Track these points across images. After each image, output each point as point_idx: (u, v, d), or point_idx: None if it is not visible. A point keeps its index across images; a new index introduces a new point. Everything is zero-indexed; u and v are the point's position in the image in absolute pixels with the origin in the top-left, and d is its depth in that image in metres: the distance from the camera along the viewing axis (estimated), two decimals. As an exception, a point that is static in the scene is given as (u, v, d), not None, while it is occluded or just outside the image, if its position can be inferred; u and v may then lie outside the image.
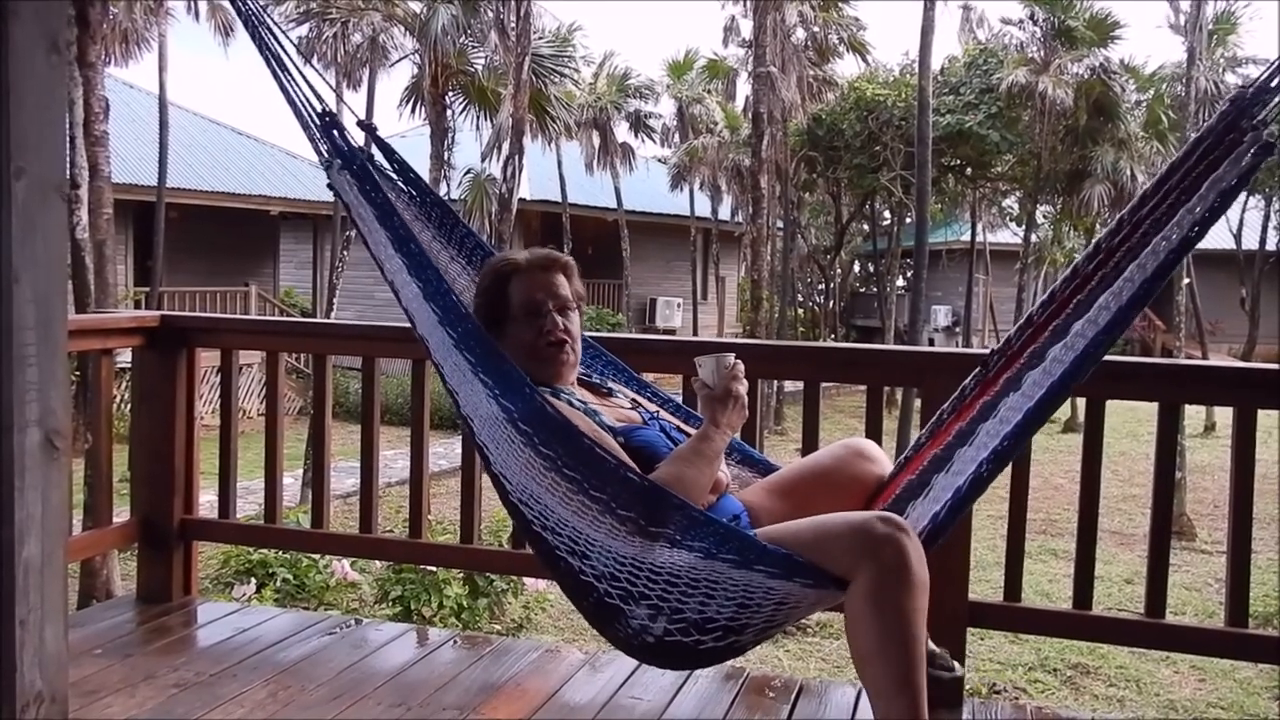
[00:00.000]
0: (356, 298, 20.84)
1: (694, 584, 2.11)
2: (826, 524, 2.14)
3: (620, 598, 2.20)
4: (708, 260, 28.06)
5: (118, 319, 3.91)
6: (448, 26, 14.97)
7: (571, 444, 2.22)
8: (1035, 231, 24.02)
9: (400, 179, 2.83)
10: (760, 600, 2.10)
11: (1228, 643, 3.03)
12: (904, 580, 2.01)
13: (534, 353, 2.48)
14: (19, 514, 1.49)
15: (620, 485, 2.17)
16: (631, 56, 51.50)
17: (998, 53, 21.77)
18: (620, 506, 2.16)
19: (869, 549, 2.02)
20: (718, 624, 2.14)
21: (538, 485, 2.28)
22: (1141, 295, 2.10)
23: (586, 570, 2.25)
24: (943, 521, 2.18)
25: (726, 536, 2.09)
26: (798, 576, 2.07)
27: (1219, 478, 14.67)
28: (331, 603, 8.41)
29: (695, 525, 2.11)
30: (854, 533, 2.06)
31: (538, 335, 2.48)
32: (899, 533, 2.02)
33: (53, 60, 1.53)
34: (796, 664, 8.27)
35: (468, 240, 2.87)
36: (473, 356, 2.36)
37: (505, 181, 13.64)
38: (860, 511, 2.20)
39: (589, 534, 2.22)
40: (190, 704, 2.80)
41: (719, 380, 2.35)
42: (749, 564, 2.06)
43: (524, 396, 2.27)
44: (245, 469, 3.99)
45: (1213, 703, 7.97)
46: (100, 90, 9.84)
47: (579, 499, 2.21)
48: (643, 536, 2.14)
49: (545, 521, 2.30)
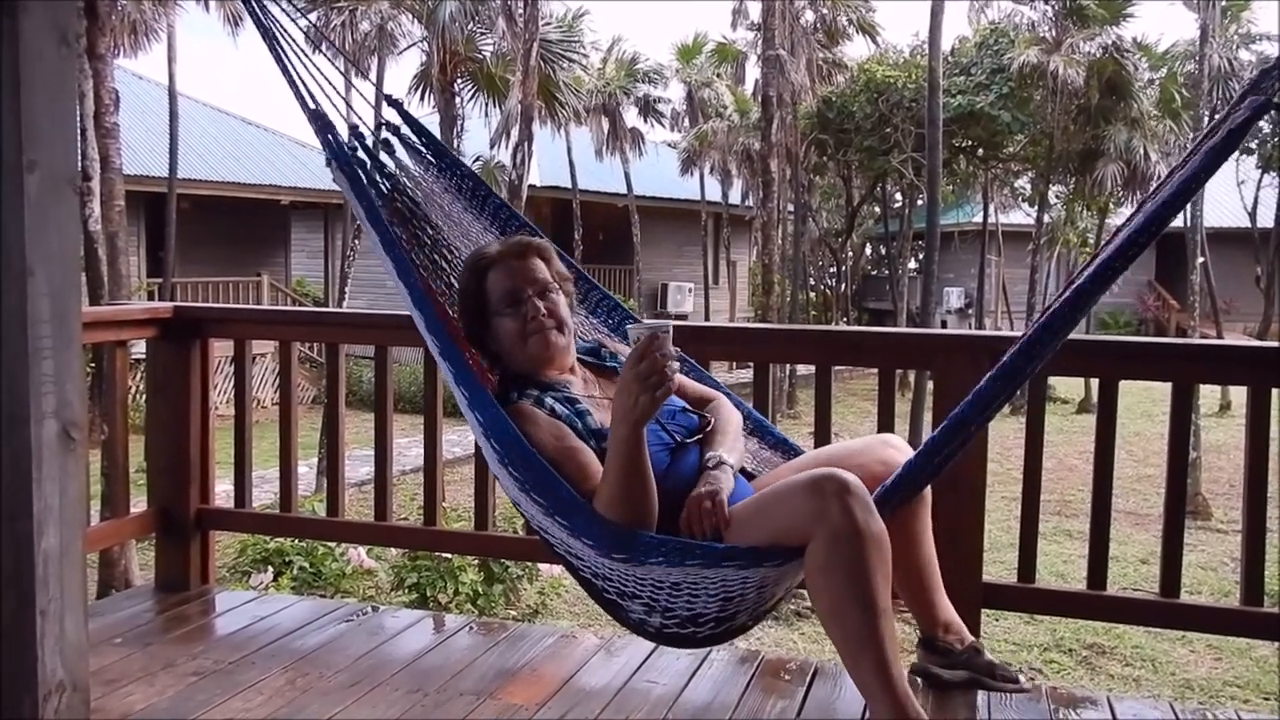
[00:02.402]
0: (369, 286, 20.84)
1: (676, 587, 2.13)
2: (776, 495, 2.14)
3: (617, 594, 2.25)
4: (718, 245, 28.00)
5: (131, 310, 3.92)
6: (456, 14, 14.96)
7: (533, 470, 2.20)
8: (1048, 212, 23.87)
9: (429, 151, 2.82)
10: (741, 589, 2.12)
11: (1243, 621, 3.03)
12: (854, 537, 1.99)
13: (523, 341, 2.45)
14: (37, 505, 1.51)
15: (577, 514, 2.16)
16: (640, 41, 51.19)
17: (1009, 32, 21.61)
18: (580, 533, 2.17)
19: (815, 510, 2.01)
20: (708, 617, 2.16)
21: (521, 500, 2.30)
22: (1127, 246, 2.08)
23: (583, 570, 2.30)
24: (915, 466, 2.18)
25: (685, 550, 2.09)
26: (766, 561, 2.08)
27: (1234, 457, 14.60)
28: (348, 590, 8.46)
29: (651, 549, 2.10)
30: (799, 497, 2.06)
31: (523, 323, 2.44)
32: (841, 490, 2.01)
33: (63, 53, 1.54)
34: (812, 646, 8.29)
35: (501, 211, 2.87)
36: (453, 366, 2.37)
37: (515, 168, 13.63)
38: (803, 474, 2.14)
39: (571, 546, 2.25)
40: (210, 691, 2.82)
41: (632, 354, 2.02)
42: (716, 564, 2.07)
43: (490, 412, 2.26)
44: (260, 458, 4.00)
45: (1229, 681, 7.96)
46: (110, 82, 9.86)
47: (549, 520, 2.23)
48: (607, 558, 2.16)
49: (539, 524, 2.33)
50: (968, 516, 2.93)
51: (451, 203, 2.81)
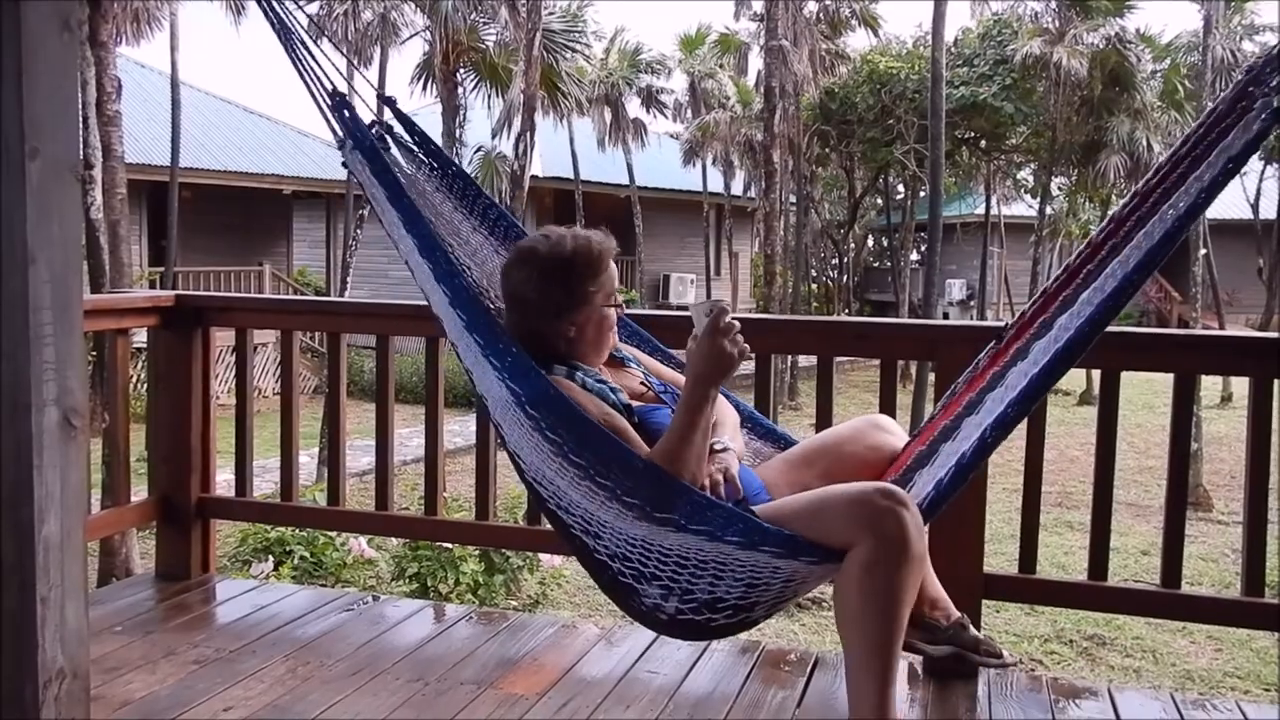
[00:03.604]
0: (370, 276, 20.85)
1: (702, 565, 2.14)
2: (828, 498, 2.16)
3: (633, 577, 2.23)
4: (721, 236, 27.98)
5: (133, 299, 3.92)
6: (458, 3, 14.92)
7: (577, 429, 2.22)
8: (1050, 203, 23.87)
9: (421, 151, 2.82)
10: (768, 579, 2.13)
11: (1244, 612, 3.03)
12: (902, 553, 2.04)
13: (596, 338, 2.49)
14: (38, 492, 1.51)
15: (625, 471, 2.18)
16: (643, 31, 51.28)
17: (1012, 23, 21.60)
18: (625, 493, 2.18)
19: (870, 522, 2.05)
20: (728, 603, 2.16)
21: (548, 468, 2.30)
22: (1146, 262, 2.10)
23: (600, 550, 2.28)
24: (946, 487, 2.19)
25: (730, 519, 2.11)
26: (803, 555, 2.10)
27: (1235, 448, 14.60)
28: (349, 580, 8.46)
29: (699, 510, 2.12)
30: (855, 506, 2.09)
31: (605, 322, 2.48)
32: (899, 506, 2.05)
33: (65, 40, 1.53)
34: (812, 637, 8.29)
35: (490, 211, 2.87)
36: (481, 339, 2.36)
37: (518, 159, 13.64)
38: (861, 483, 2.21)
39: (599, 516, 2.24)
40: (210, 680, 2.82)
41: (705, 329, 2.18)
42: (754, 545, 2.08)
43: (530, 380, 2.28)
44: (261, 448, 4.01)
45: (1229, 672, 7.97)
46: (112, 70, 9.85)
47: (586, 483, 2.23)
48: (650, 521, 2.16)
49: (559, 501, 2.33)
50: (969, 507, 2.93)
51: (442, 202, 2.82)
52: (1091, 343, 2.11)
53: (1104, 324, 2.12)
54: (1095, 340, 2.12)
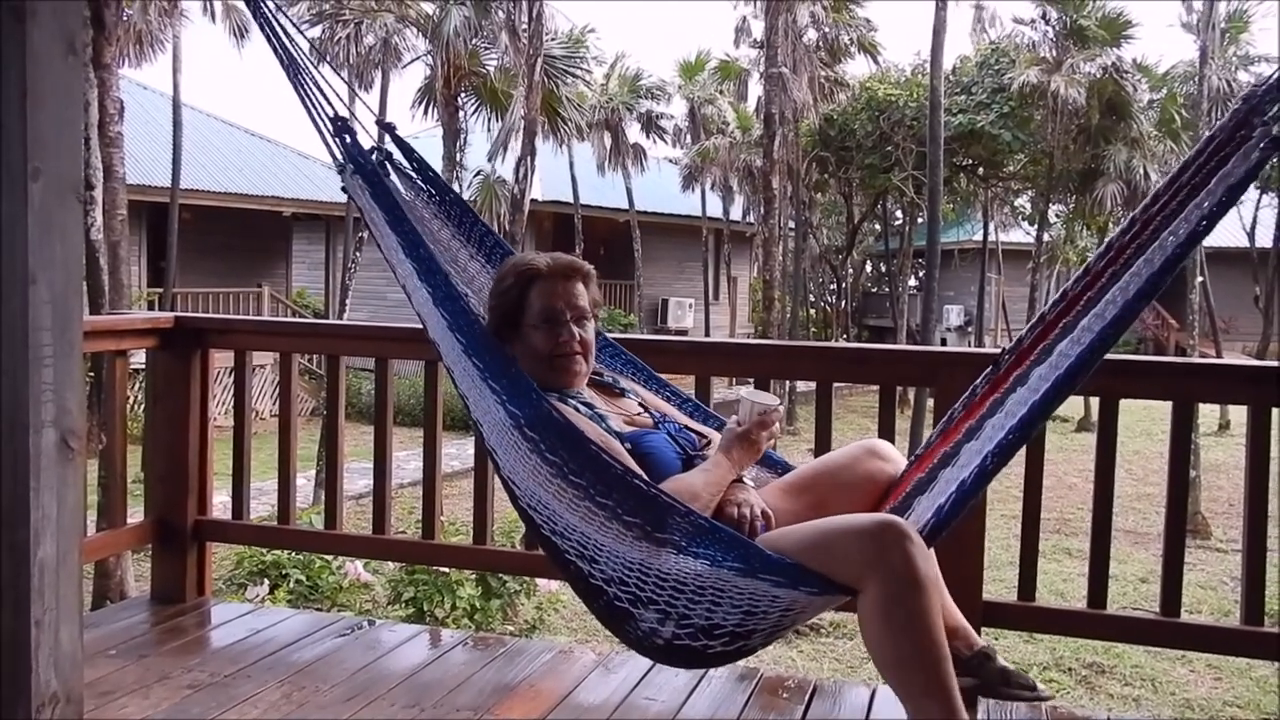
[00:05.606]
0: (369, 298, 20.87)
1: (700, 591, 2.12)
2: (831, 530, 2.14)
3: (629, 601, 2.21)
4: (719, 260, 28.04)
5: (132, 320, 3.92)
6: (460, 28, 14.99)
7: (578, 450, 2.23)
8: (1048, 230, 23.94)
9: (419, 177, 2.84)
10: (766, 608, 2.11)
11: (1244, 641, 3.01)
12: (913, 584, 2.01)
13: (547, 361, 2.49)
14: (34, 514, 1.50)
15: (625, 491, 2.18)
16: (643, 57, 51.56)
17: (1010, 52, 21.69)
18: (626, 513, 2.18)
19: (875, 557, 2.03)
20: (725, 630, 2.14)
21: (545, 491, 2.29)
22: (1147, 289, 2.10)
23: (596, 574, 2.27)
24: (946, 514, 2.17)
25: (731, 544, 2.10)
26: (803, 585, 2.07)
27: (1234, 476, 14.58)
28: (345, 604, 8.42)
29: (700, 533, 2.12)
30: (859, 540, 2.07)
31: (554, 345, 2.49)
32: (903, 538, 2.03)
33: (70, 62, 1.54)
34: (810, 664, 8.25)
35: (487, 239, 2.88)
36: (481, 362, 2.37)
37: (518, 183, 13.66)
38: (865, 515, 2.20)
39: (596, 538, 2.23)
40: (205, 704, 2.81)
41: (748, 421, 2.43)
42: (754, 573, 2.07)
43: (531, 402, 2.29)
44: (259, 470, 3.99)
45: (1229, 701, 7.94)
46: (115, 91, 9.87)
47: (585, 505, 2.23)
48: (649, 542, 2.15)
49: (554, 526, 2.31)
50: (968, 535, 2.92)
51: (440, 228, 2.83)
52: (1092, 369, 2.11)
53: (1104, 350, 2.11)
54: (1095, 367, 2.12)
